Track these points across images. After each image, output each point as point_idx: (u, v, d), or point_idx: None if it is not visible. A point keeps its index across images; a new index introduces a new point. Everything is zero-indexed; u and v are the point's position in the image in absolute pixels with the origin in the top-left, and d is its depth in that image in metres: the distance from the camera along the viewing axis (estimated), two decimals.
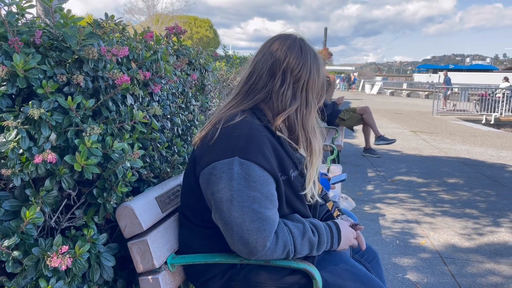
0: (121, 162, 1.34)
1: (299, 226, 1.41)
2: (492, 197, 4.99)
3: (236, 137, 1.34)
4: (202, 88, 2.50)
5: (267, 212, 1.31)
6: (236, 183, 1.29)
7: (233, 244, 1.34)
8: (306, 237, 1.40)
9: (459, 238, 3.68)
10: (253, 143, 1.33)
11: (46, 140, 1.23)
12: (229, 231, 1.32)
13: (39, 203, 1.21)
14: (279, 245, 1.33)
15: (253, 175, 1.30)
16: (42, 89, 1.23)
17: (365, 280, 1.46)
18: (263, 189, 1.32)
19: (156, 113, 1.61)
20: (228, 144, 1.33)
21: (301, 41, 1.52)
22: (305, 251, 1.41)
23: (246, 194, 1.29)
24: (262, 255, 1.33)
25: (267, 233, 1.30)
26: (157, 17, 30.80)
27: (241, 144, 1.32)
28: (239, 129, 1.36)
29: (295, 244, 1.37)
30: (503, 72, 38.11)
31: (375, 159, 7.13)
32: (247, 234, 1.29)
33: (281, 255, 1.36)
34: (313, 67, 1.49)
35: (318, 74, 1.51)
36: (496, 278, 2.94)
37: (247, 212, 1.29)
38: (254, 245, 1.29)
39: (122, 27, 1.73)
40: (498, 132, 12.38)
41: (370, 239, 3.58)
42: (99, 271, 1.40)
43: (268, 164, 1.33)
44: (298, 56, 1.47)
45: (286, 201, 1.42)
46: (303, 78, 1.47)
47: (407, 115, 15.98)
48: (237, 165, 1.30)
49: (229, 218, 1.30)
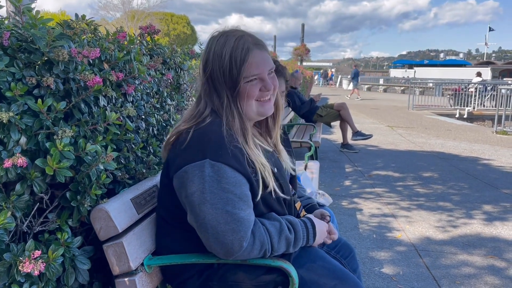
0: (94, 164, 1.33)
1: (276, 225, 1.41)
2: (465, 189, 5.13)
3: (206, 140, 1.34)
4: (178, 87, 2.49)
5: (241, 213, 1.31)
6: (208, 186, 1.29)
7: (210, 246, 1.34)
8: (283, 235, 1.41)
9: (434, 230, 3.77)
10: (223, 145, 1.33)
11: (16, 143, 1.21)
12: (204, 233, 1.32)
13: (10, 207, 1.19)
14: (256, 245, 1.34)
15: (225, 177, 1.30)
16: (11, 92, 1.20)
17: (341, 275, 1.49)
18: (236, 190, 1.31)
19: (130, 114, 1.60)
20: (199, 147, 1.33)
21: (212, 35, 1.47)
22: (282, 249, 1.42)
23: (218, 196, 1.29)
24: (240, 256, 1.33)
25: (242, 234, 1.30)
26: (132, 13, 30.33)
27: (212, 147, 1.32)
28: (209, 132, 1.36)
29: (272, 242, 1.38)
30: (476, 67, 39.07)
31: (352, 154, 7.23)
32: (222, 236, 1.29)
33: (258, 254, 1.36)
34: (215, 55, 1.41)
35: (219, 62, 1.40)
36: (469, 269, 3.03)
37: (221, 214, 1.29)
38: (230, 246, 1.30)
39: (93, 27, 1.71)
40: (471, 126, 12.71)
41: (347, 234, 3.64)
42: (74, 274, 1.38)
43: (240, 165, 1.33)
44: (205, 52, 1.45)
45: (263, 201, 1.42)
46: (213, 73, 1.42)
47: (383, 110, 16.23)
48: (209, 167, 1.30)
49: (203, 220, 1.30)
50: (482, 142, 9.06)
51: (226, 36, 1.42)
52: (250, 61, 1.39)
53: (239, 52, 1.38)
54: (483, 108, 16.20)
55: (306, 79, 14.38)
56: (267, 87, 1.44)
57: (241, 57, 1.38)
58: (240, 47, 1.39)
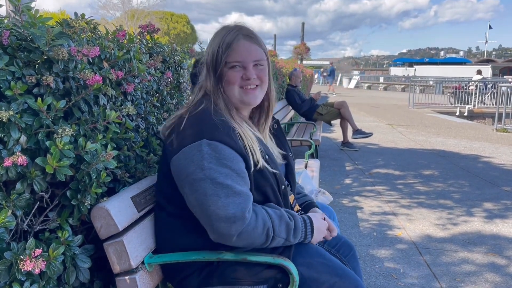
0: (94, 163, 1.33)
1: (276, 211, 1.45)
2: (465, 187, 5.13)
3: (201, 122, 1.41)
4: (178, 86, 2.49)
5: (240, 187, 1.35)
6: (207, 163, 1.33)
7: (212, 227, 1.34)
8: (283, 220, 1.43)
9: (434, 228, 3.78)
10: (217, 125, 1.39)
11: (16, 142, 1.21)
12: (205, 212, 1.33)
13: (10, 206, 1.19)
14: (259, 222, 1.36)
15: (222, 153, 1.35)
16: (11, 90, 1.20)
17: (341, 273, 1.49)
18: (234, 165, 1.36)
19: (130, 112, 1.60)
20: (195, 129, 1.39)
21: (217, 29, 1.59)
22: (283, 234, 1.43)
23: (218, 172, 1.33)
24: (244, 232, 1.33)
25: (244, 205, 1.33)
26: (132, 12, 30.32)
27: (207, 127, 1.38)
28: (202, 114, 1.43)
29: (273, 224, 1.40)
30: (476, 65, 39.04)
31: (352, 152, 7.23)
32: (224, 210, 1.31)
33: (262, 234, 1.37)
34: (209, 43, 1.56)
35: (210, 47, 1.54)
36: (469, 266, 3.03)
37: (221, 188, 1.32)
38: (233, 219, 1.31)
39: (93, 25, 1.71)
40: (471, 124, 12.71)
41: (348, 232, 3.64)
42: (74, 273, 1.38)
43: (235, 144, 1.38)
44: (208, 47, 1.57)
45: (255, 186, 1.45)
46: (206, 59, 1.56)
47: (384, 108, 16.22)
48: (206, 145, 1.34)
49: (204, 197, 1.32)
50: (482, 140, 9.06)
51: (224, 27, 1.55)
52: (235, 48, 1.50)
53: (226, 39, 1.50)
54: (483, 106, 16.20)
55: (306, 78, 14.37)
56: (247, 75, 1.52)
57: (228, 43, 1.50)
58: (229, 34, 1.51)
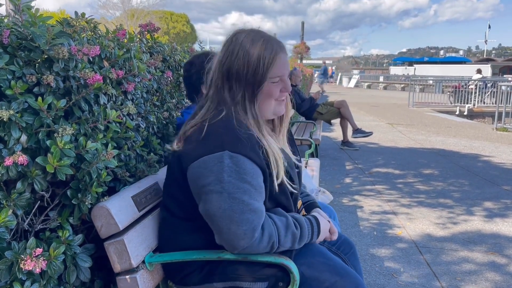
0: (95, 162, 1.33)
1: (283, 220, 1.44)
2: (465, 186, 5.13)
3: (223, 132, 1.37)
4: (178, 85, 2.49)
5: (256, 204, 1.34)
6: (226, 176, 1.31)
7: (221, 236, 1.35)
8: (290, 230, 1.43)
9: (434, 227, 3.78)
10: (241, 137, 1.36)
11: (16, 141, 1.21)
12: (217, 222, 1.33)
13: (11, 205, 1.19)
14: (264, 237, 1.36)
15: (243, 168, 1.33)
16: (11, 90, 1.20)
17: (342, 272, 1.49)
18: (253, 181, 1.34)
19: (130, 112, 1.60)
20: (217, 139, 1.36)
21: (237, 33, 1.51)
22: (288, 244, 1.43)
23: (236, 186, 1.31)
24: (249, 247, 1.34)
25: (256, 224, 1.32)
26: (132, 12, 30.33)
27: (230, 139, 1.35)
28: (224, 125, 1.39)
29: (279, 236, 1.40)
30: (476, 64, 39.03)
31: (352, 152, 7.23)
32: (236, 226, 1.31)
33: (266, 247, 1.37)
34: (240, 53, 1.45)
35: (244, 59, 1.44)
36: (469, 265, 3.03)
37: (237, 203, 1.31)
38: (242, 236, 1.31)
39: (93, 24, 1.71)
40: (471, 123, 12.71)
41: (348, 231, 3.64)
42: (75, 272, 1.38)
43: (257, 157, 1.36)
44: (227, 48, 1.48)
45: (270, 195, 1.44)
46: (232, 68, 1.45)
47: (383, 107, 16.23)
48: (227, 158, 1.32)
49: (219, 210, 1.32)
50: (482, 139, 9.06)
51: (252, 37, 1.47)
52: (277, 62, 1.46)
53: (268, 53, 1.44)
54: (483, 105, 16.20)
55: (306, 77, 14.37)
56: (287, 88, 1.51)
57: (270, 58, 1.44)
58: (269, 48, 1.45)
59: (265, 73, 1.44)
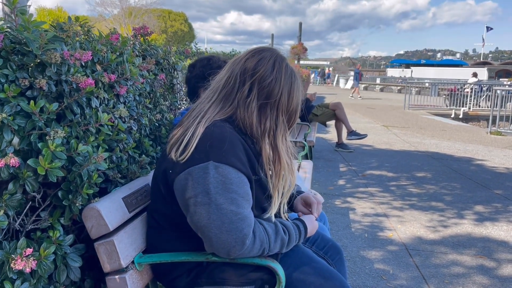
0: (86, 165, 1.36)
1: (272, 226, 1.46)
2: (457, 190, 5.17)
3: (208, 142, 1.36)
4: (171, 87, 2.52)
5: (245, 212, 1.35)
6: (213, 187, 1.32)
7: (211, 246, 1.36)
8: (279, 236, 1.45)
9: (425, 230, 3.82)
10: (226, 146, 1.36)
11: (9, 144, 1.23)
12: (207, 233, 1.34)
13: (2, 206, 1.22)
14: (256, 244, 1.37)
15: (229, 178, 1.33)
16: (4, 93, 1.23)
17: (327, 274, 1.52)
18: (240, 190, 1.35)
19: (122, 114, 1.62)
20: (202, 149, 1.36)
21: (279, 57, 1.52)
22: (277, 249, 1.46)
23: (223, 197, 1.32)
24: (241, 254, 1.36)
25: (246, 232, 1.33)
26: (130, 10, 30.25)
27: (214, 148, 1.35)
28: (209, 134, 1.38)
29: (269, 242, 1.42)
30: (472, 67, 39.17)
31: (347, 154, 7.27)
32: (226, 235, 1.32)
33: (258, 253, 1.40)
34: (285, 86, 1.48)
35: (288, 95, 1.50)
36: (458, 268, 3.07)
37: (225, 213, 1.31)
38: (233, 244, 1.33)
39: (87, 28, 1.73)
40: (466, 126, 12.78)
41: (339, 233, 3.68)
42: (65, 272, 1.41)
43: (243, 166, 1.37)
44: (269, 70, 1.47)
45: (256, 202, 1.46)
46: (273, 95, 1.47)
47: (379, 109, 16.28)
48: (213, 169, 1.32)
49: (208, 221, 1.32)
50: (476, 142, 9.12)
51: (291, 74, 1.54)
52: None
53: (300, 95, 1.55)
54: (478, 108, 16.28)
55: (303, 78, 14.39)
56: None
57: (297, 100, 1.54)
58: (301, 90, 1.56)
59: (295, 108, 1.54)
